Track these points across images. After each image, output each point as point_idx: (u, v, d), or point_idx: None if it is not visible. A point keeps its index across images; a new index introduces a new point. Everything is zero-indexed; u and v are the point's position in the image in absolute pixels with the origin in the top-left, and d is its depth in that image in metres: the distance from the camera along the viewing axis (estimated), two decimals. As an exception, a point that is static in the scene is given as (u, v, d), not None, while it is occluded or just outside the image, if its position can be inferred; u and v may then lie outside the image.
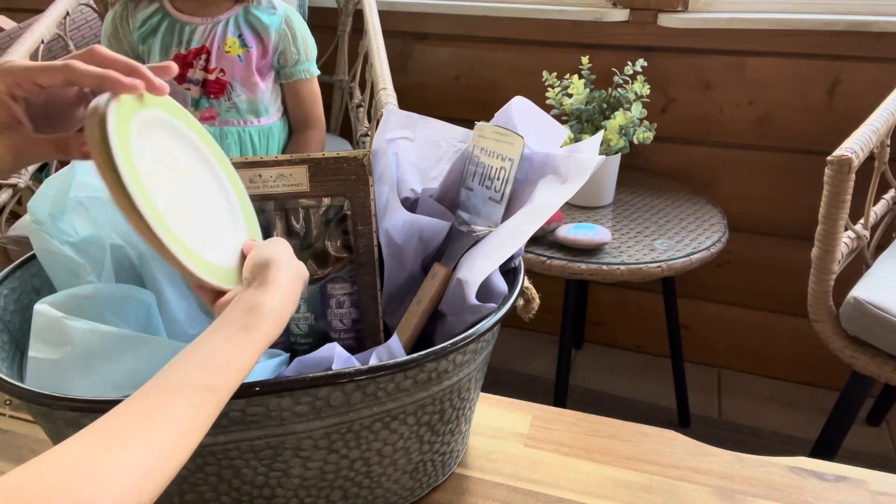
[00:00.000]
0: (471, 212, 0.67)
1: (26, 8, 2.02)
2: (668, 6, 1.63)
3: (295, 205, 0.67)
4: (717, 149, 1.73)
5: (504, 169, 0.64)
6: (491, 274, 0.61)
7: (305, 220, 0.68)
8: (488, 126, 0.66)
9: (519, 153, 0.63)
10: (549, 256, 1.38)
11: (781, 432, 1.72)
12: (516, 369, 1.95)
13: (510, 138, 0.64)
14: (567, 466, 0.69)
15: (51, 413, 0.51)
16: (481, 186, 0.66)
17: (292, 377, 0.50)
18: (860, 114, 1.30)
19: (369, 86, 1.62)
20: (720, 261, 1.81)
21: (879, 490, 0.66)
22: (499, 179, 0.64)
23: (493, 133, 0.66)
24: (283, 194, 0.67)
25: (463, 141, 0.72)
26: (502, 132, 0.65)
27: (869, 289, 1.23)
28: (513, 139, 0.63)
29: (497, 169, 0.64)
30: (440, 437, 0.61)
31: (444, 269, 0.65)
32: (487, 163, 0.66)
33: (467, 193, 0.68)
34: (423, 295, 0.65)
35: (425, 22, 1.85)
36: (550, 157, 0.64)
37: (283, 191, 0.67)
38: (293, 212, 0.68)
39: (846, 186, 1.14)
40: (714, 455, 0.71)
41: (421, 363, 0.53)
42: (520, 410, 0.76)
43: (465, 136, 0.72)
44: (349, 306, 0.69)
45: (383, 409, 0.55)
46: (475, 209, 0.67)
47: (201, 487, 0.54)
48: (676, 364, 1.70)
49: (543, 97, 1.54)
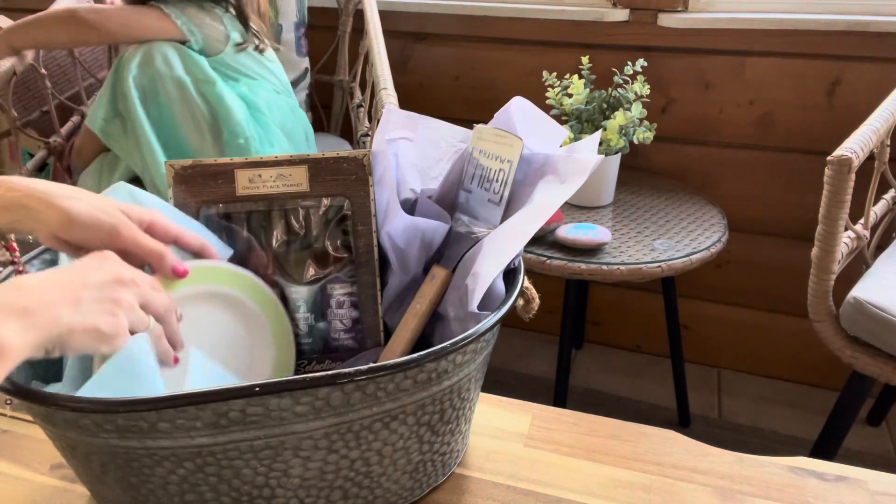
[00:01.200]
0: (470, 214, 0.67)
1: (26, 8, 2.02)
2: (668, 6, 1.63)
3: (295, 205, 0.67)
4: (717, 149, 1.73)
5: (503, 171, 0.64)
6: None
7: (305, 220, 0.68)
8: (487, 128, 0.66)
9: (518, 155, 0.63)
10: (549, 256, 1.38)
11: (781, 432, 1.72)
12: (516, 369, 1.95)
13: (509, 140, 0.64)
14: (567, 466, 0.69)
15: (51, 414, 0.51)
16: (480, 188, 0.66)
17: (291, 378, 0.50)
18: (860, 114, 1.30)
19: (370, 86, 1.62)
20: (720, 261, 1.81)
21: (879, 490, 0.66)
22: (497, 181, 0.64)
23: (491, 135, 0.65)
24: (283, 194, 0.67)
25: (463, 141, 0.72)
26: (501, 134, 0.64)
27: (869, 289, 1.23)
28: (511, 141, 0.63)
29: (496, 171, 0.64)
30: (440, 437, 0.61)
31: (444, 271, 0.65)
32: (486, 164, 0.66)
33: (466, 195, 0.68)
34: (423, 297, 0.65)
35: (425, 22, 1.85)
36: (549, 158, 0.64)
37: (283, 191, 0.67)
38: (293, 212, 0.68)
39: (846, 186, 1.14)
40: (714, 455, 0.71)
41: (421, 363, 0.53)
42: (520, 410, 0.76)
43: (466, 136, 0.72)
44: (349, 306, 0.69)
45: (383, 409, 0.55)
46: (474, 211, 0.67)
47: (201, 487, 0.54)
48: (676, 364, 1.70)
49: (543, 97, 1.54)
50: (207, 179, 0.67)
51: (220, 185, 0.67)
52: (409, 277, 0.69)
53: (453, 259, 0.66)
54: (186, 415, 0.50)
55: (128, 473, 0.53)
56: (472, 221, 0.66)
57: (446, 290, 0.65)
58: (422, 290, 0.65)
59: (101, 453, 0.52)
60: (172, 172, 0.66)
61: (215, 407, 0.50)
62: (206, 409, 0.50)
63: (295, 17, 1.71)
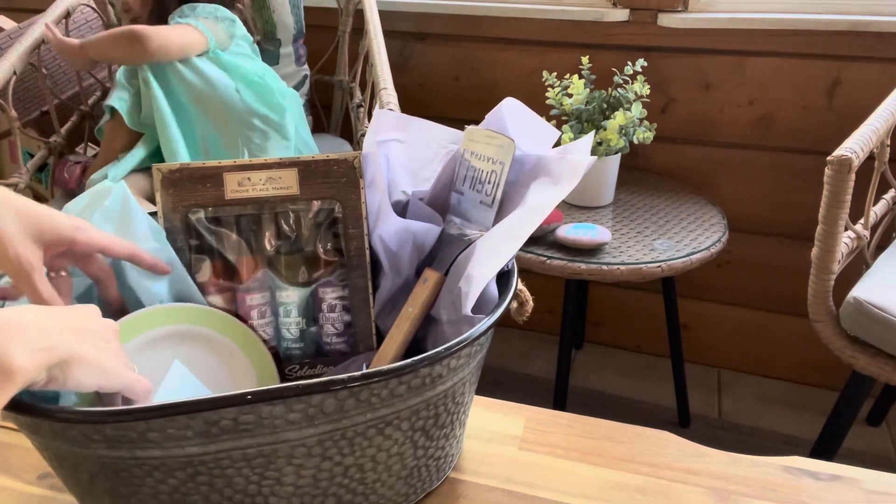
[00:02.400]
0: (462, 216, 0.67)
1: (26, 8, 2.02)
2: (668, 6, 1.62)
3: (285, 208, 0.67)
4: (717, 149, 1.73)
5: (495, 172, 0.63)
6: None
7: (296, 223, 0.68)
8: (478, 129, 0.66)
9: (510, 156, 0.62)
10: (549, 256, 1.38)
11: (781, 432, 1.72)
12: (516, 370, 1.94)
13: (500, 141, 0.63)
14: (562, 469, 0.69)
15: (37, 424, 0.51)
16: (472, 190, 0.66)
17: (283, 385, 0.50)
18: (860, 114, 1.30)
19: (370, 86, 1.62)
20: (720, 261, 1.81)
21: (874, 489, 0.66)
22: (490, 183, 0.64)
23: (483, 136, 0.65)
24: (273, 197, 0.66)
25: (454, 142, 0.71)
26: (492, 135, 0.64)
27: (869, 289, 1.22)
28: (503, 142, 0.63)
29: (488, 172, 0.64)
30: (435, 441, 0.61)
31: (436, 275, 0.65)
32: (478, 166, 0.65)
33: (458, 197, 0.68)
34: (415, 300, 0.64)
35: (425, 22, 1.85)
36: (542, 159, 0.64)
37: (273, 194, 0.66)
38: (283, 215, 0.67)
39: (846, 186, 1.14)
40: (709, 456, 0.70)
41: (415, 368, 0.53)
42: (514, 413, 0.76)
43: (457, 138, 0.71)
44: (341, 310, 0.69)
45: (377, 415, 0.54)
46: (466, 213, 0.67)
47: (192, 497, 0.53)
48: (676, 364, 1.70)
49: (543, 97, 1.54)
50: (196, 183, 0.66)
51: (208, 188, 0.66)
52: (402, 280, 0.69)
53: (446, 262, 0.65)
54: (177, 424, 0.49)
55: (117, 484, 0.52)
56: (464, 223, 0.66)
57: (439, 294, 0.65)
58: (414, 293, 0.65)
59: (89, 464, 0.51)
60: (160, 176, 0.66)
61: (206, 416, 0.49)
62: (197, 418, 0.49)
63: (293, 31, 1.72)
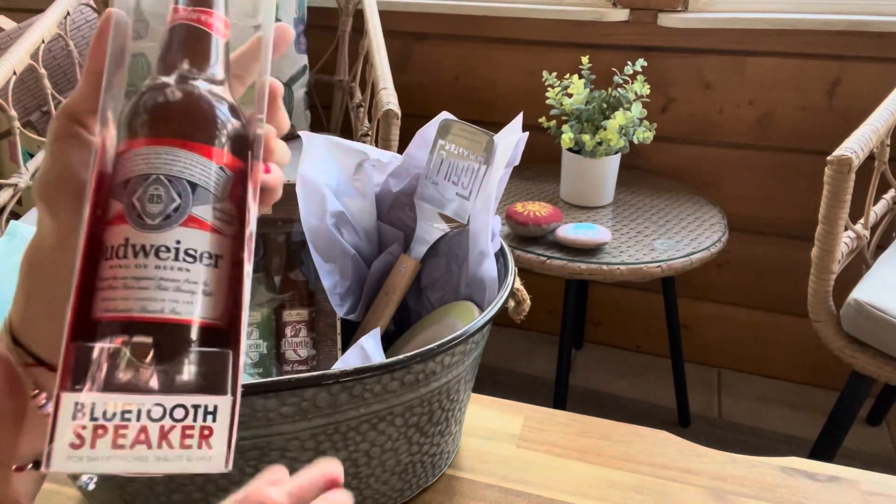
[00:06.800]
0: (436, 205, 0.68)
1: (26, 8, 2.03)
2: (668, 6, 1.63)
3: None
4: (717, 149, 1.73)
5: (472, 167, 0.65)
6: (483, 261, 0.63)
7: (264, 244, 0.68)
8: (455, 122, 0.68)
9: (490, 151, 0.64)
10: (549, 256, 1.37)
11: (781, 432, 1.71)
12: (516, 369, 1.94)
13: (478, 137, 0.65)
14: (559, 467, 0.69)
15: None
16: (447, 181, 0.67)
17: (277, 378, 0.50)
18: (860, 114, 1.30)
19: (370, 86, 1.62)
20: (720, 261, 1.81)
21: (871, 490, 0.66)
22: (466, 176, 0.66)
23: (459, 130, 0.67)
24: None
25: (375, 158, 0.71)
26: (470, 130, 0.66)
27: (869, 290, 1.22)
28: (481, 137, 0.65)
29: (464, 167, 0.66)
30: (429, 438, 0.61)
31: (413, 262, 0.66)
32: (455, 159, 0.67)
33: (432, 186, 0.69)
34: (392, 287, 0.65)
35: (425, 22, 1.85)
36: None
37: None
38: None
39: (846, 186, 1.14)
40: (706, 455, 0.70)
41: (407, 365, 0.53)
42: (512, 411, 0.76)
43: (376, 151, 0.71)
44: (305, 335, 0.69)
45: (370, 410, 0.54)
46: (440, 203, 0.68)
47: (188, 487, 0.54)
48: (676, 364, 1.70)
49: (543, 97, 1.54)
50: None
51: None
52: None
53: (420, 249, 0.67)
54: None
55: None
56: (438, 213, 0.68)
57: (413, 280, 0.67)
58: (390, 280, 0.66)
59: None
60: None
61: (201, 408, 0.49)
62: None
63: (295, 13, 1.71)
